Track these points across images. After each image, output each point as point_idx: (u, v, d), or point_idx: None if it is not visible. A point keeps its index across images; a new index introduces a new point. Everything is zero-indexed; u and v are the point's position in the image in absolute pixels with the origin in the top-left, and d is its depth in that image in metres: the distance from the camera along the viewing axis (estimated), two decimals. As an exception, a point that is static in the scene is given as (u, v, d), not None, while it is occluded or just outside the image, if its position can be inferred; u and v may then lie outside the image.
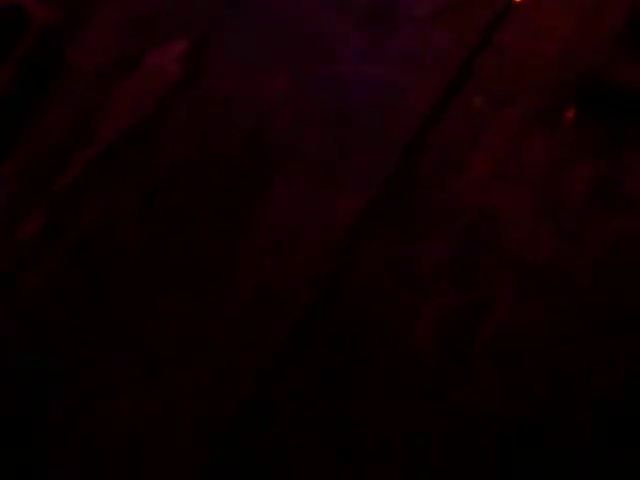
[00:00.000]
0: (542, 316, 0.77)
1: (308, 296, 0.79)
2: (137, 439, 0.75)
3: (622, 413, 0.73)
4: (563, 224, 0.81)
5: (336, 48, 0.90)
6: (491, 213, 0.82)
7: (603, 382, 0.74)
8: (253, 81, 0.90)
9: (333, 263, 0.81)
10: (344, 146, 0.86)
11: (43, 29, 0.89)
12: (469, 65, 0.88)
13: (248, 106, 0.89)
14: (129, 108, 0.89)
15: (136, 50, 0.91)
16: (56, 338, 0.78)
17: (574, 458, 0.72)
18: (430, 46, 0.90)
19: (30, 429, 0.75)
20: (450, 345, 0.76)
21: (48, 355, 0.77)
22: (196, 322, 0.79)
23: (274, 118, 0.88)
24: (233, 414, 0.75)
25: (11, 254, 0.82)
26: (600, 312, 0.77)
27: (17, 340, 0.79)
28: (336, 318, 0.78)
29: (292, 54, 0.90)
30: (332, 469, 0.72)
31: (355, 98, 0.88)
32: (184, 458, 0.74)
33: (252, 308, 0.79)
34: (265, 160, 0.86)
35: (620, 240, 0.80)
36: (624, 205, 0.81)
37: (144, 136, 0.88)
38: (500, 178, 0.83)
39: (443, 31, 0.90)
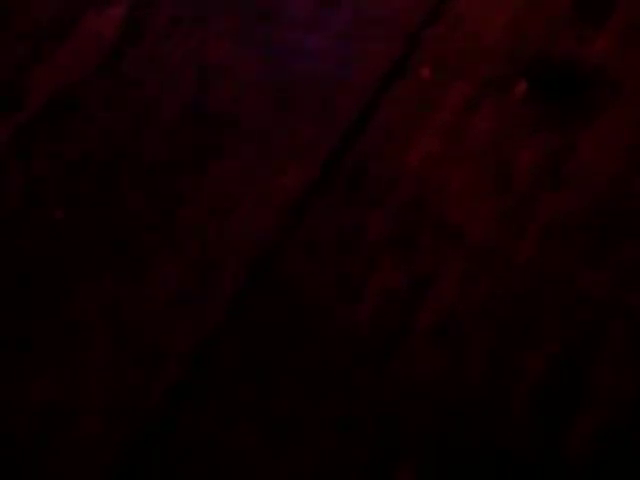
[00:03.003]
0: (487, 294, 0.74)
1: (246, 270, 0.76)
2: (46, 429, 0.71)
3: (560, 398, 0.70)
4: (509, 201, 0.78)
5: (281, 16, 0.87)
6: (437, 188, 0.79)
7: (541, 366, 0.71)
8: (195, 47, 0.87)
9: (274, 236, 0.78)
10: (287, 117, 0.83)
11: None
12: (418, 36, 0.85)
13: (188, 73, 0.85)
14: (62, 73, 0.86)
15: (72, 12, 0.88)
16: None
17: (510, 441, 0.69)
18: (378, 16, 0.87)
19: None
20: (394, 323, 0.74)
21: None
22: (120, 301, 0.76)
23: (215, 86, 0.85)
24: (156, 401, 0.71)
25: None
26: (545, 291, 0.75)
27: None
28: (275, 294, 0.75)
29: (235, 20, 0.87)
30: (267, 454, 0.69)
31: (300, 67, 0.85)
32: (97, 450, 0.71)
33: (183, 287, 0.76)
34: (205, 129, 0.83)
35: (566, 219, 0.77)
36: (571, 183, 0.79)
37: (76, 103, 0.84)
38: (447, 153, 0.81)
39: (392, 1, 0.87)
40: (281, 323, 0.73)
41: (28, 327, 0.74)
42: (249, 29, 0.87)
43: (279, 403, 0.70)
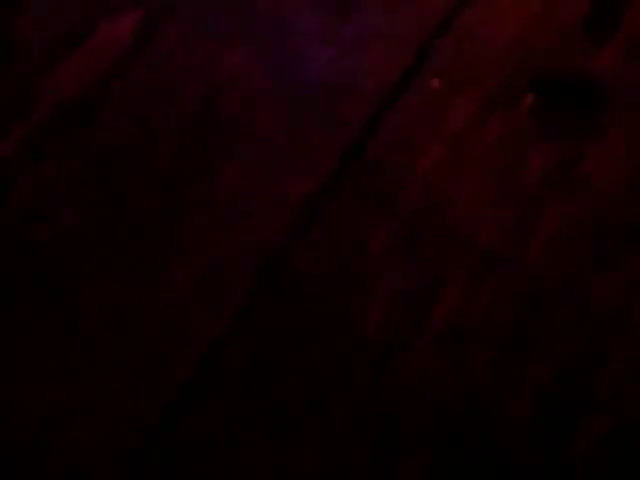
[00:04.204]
0: (492, 302, 0.74)
1: (254, 278, 0.76)
2: (46, 429, 0.71)
3: (562, 403, 0.70)
4: (517, 209, 0.78)
5: (293, 26, 0.88)
6: (444, 196, 0.79)
7: (543, 373, 0.71)
8: (206, 56, 0.87)
9: (283, 240, 0.78)
10: (298, 125, 0.83)
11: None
12: (427, 48, 0.86)
13: (200, 81, 0.86)
14: (74, 79, 0.87)
15: (86, 20, 0.89)
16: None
17: (510, 451, 0.68)
18: (388, 29, 0.87)
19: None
20: (399, 327, 0.73)
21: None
22: (124, 302, 0.76)
23: (226, 94, 0.85)
24: (158, 402, 0.71)
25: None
26: (550, 300, 0.74)
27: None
28: (284, 296, 0.75)
29: (247, 30, 0.88)
30: (271, 451, 0.69)
31: (311, 77, 0.86)
32: (97, 450, 0.70)
33: (190, 288, 0.76)
34: (216, 135, 0.83)
35: (572, 230, 0.77)
36: (578, 192, 0.79)
37: (88, 109, 0.85)
38: (455, 161, 0.81)
39: (403, 13, 0.88)
40: (289, 325, 0.73)
41: (29, 326, 0.74)
42: (261, 39, 0.87)
43: (282, 404, 0.70)
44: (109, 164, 0.82)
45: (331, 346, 0.73)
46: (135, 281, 0.76)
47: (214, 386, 0.71)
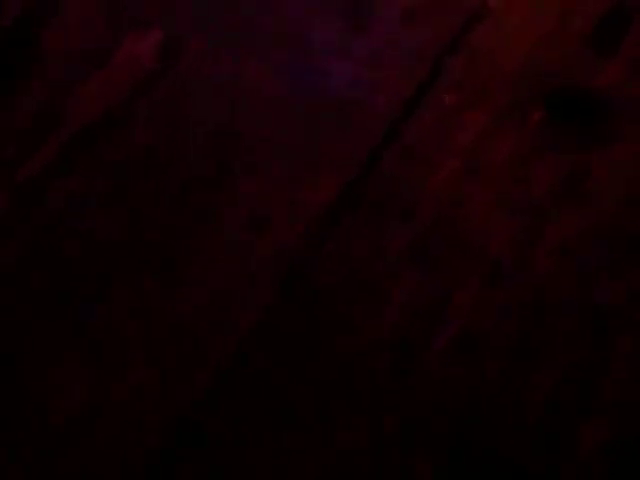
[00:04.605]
0: (501, 311, 0.76)
1: (271, 287, 0.78)
2: (70, 431, 0.73)
3: (563, 415, 0.71)
4: (526, 220, 0.80)
5: (310, 42, 0.90)
6: (457, 207, 0.81)
7: (548, 382, 0.72)
8: (227, 70, 0.89)
9: (301, 251, 0.80)
10: (314, 138, 0.85)
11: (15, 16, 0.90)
12: (441, 64, 0.88)
13: (221, 95, 0.88)
14: (102, 94, 0.89)
15: (113, 36, 0.91)
16: (9, 322, 0.78)
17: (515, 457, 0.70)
18: (402, 45, 0.89)
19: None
20: (411, 337, 0.75)
21: None
22: (150, 308, 0.78)
23: (245, 108, 0.87)
24: (179, 406, 0.73)
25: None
26: (558, 308, 0.75)
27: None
28: (300, 306, 0.77)
29: (266, 45, 0.90)
30: (289, 453, 0.71)
31: (328, 91, 0.88)
32: (118, 453, 0.72)
33: (215, 299, 0.78)
34: (235, 149, 0.85)
35: (579, 238, 0.78)
36: (585, 204, 0.80)
37: (114, 122, 0.87)
38: (466, 174, 0.82)
39: (415, 31, 0.89)
40: (309, 334, 0.75)
41: (56, 328, 0.77)
42: (280, 54, 0.90)
43: (291, 411, 0.72)
44: (135, 176, 0.84)
45: (343, 356, 0.74)
46: (158, 287, 0.78)
47: (227, 392, 0.73)
